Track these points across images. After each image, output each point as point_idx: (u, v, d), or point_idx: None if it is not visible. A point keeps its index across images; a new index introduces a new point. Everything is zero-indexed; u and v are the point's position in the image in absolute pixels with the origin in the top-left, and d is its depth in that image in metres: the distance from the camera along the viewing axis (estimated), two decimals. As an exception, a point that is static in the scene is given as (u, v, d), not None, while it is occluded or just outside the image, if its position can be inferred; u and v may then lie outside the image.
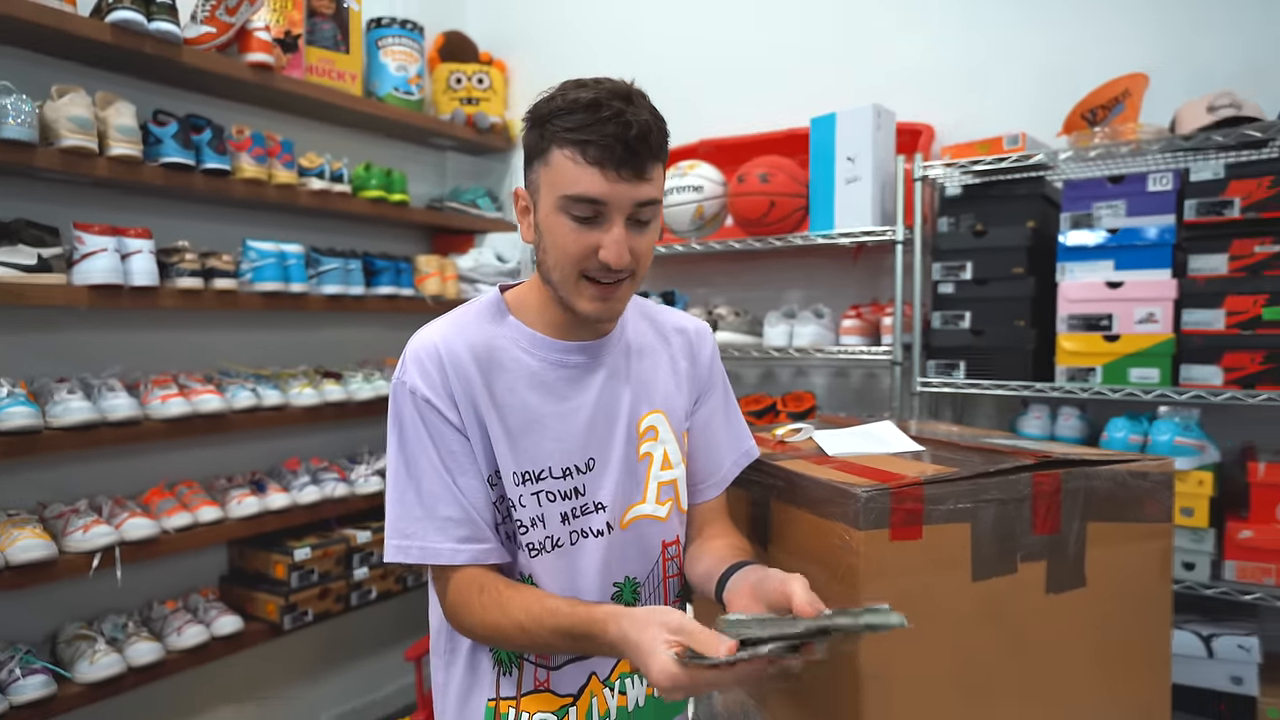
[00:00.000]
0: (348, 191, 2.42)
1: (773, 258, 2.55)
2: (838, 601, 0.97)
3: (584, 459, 1.03)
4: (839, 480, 0.99)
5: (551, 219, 0.95)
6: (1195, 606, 1.83)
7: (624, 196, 0.92)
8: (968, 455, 1.13)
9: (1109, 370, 1.80)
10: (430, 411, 0.97)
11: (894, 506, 0.95)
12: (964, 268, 2.00)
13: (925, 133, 2.23)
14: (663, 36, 2.77)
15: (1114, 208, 1.84)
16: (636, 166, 0.92)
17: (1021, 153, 1.88)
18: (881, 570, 0.95)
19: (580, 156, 0.91)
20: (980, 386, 1.96)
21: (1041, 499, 1.03)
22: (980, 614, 1.00)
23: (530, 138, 0.97)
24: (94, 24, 1.86)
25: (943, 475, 0.99)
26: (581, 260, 0.95)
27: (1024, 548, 1.02)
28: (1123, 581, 1.07)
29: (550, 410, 1.01)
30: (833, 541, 0.98)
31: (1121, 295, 1.79)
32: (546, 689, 1.04)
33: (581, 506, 1.03)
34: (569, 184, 0.92)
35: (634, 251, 0.96)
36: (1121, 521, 1.07)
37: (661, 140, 0.96)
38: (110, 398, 1.91)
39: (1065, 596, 1.04)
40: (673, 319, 1.17)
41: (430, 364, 0.98)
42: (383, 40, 2.63)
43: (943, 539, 0.98)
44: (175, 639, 2.02)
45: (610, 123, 0.89)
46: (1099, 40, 2.10)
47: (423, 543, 0.97)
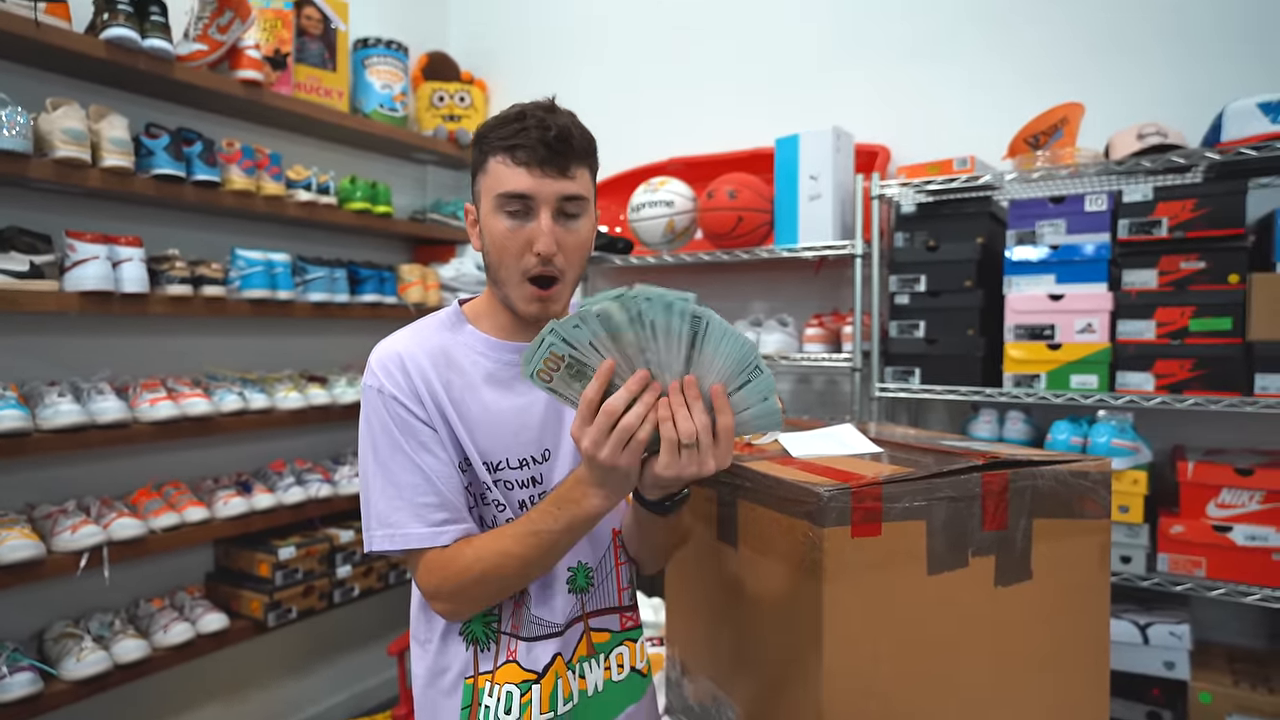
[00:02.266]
0: (333, 203, 2.39)
1: (740, 270, 2.57)
2: (803, 602, 0.98)
3: (539, 450, 1.05)
4: (803, 480, 1.00)
5: (490, 220, 1.00)
6: (1131, 596, 1.87)
7: (548, 190, 0.98)
8: (922, 456, 1.14)
9: (1052, 377, 1.84)
10: (398, 407, 0.99)
11: (854, 505, 0.96)
12: (919, 280, 2.03)
13: (882, 153, 2.27)
14: (636, 59, 2.78)
15: (1055, 226, 1.88)
16: (559, 164, 0.97)
17: (970, 174, 1.92)
18: (844, 565, 0.96)
19: (510, 159, 0.97)
20: (934, 391, 1.98)
21: (991, 497, 1.04)
22: (936, 605, 1.01)
23: (472, 155, 1.04)
24: (89, 40, 1.82)
25: (899, 475, 1.00)
26: (519, 256, 0.99)
27: (975, 543, 1.03)
28: (1065, 574, 1.09)
29: (506, 406, 1.04)
30: (797, 539, 0.98)
31: (1063, 307, 1.83)
32: (513, 660, 1.03)
33: (541, 493, 1.04)
34: (501, 184, 0.98)
35: (563, 246, 0.99)
36: (1064, 518, 1.08)
37: (584, 144, 1.01)
38: (99, 400, 1.87)
39: (1013, 589, 1.05)
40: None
41: (394, 367, 1.01)
42: (368, 59, 2.60)
43: (900, 535, 0.99)
44: (162, 636, 1.98)
45: (534, 129, 0.96)
46: (1040, 71, 2.15)
47: (405, 530, 0.98)
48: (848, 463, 1.10)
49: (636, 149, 2.70)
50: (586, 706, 1.08)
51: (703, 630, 1.31)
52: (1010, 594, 1.05)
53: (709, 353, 0.83)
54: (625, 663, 1.14)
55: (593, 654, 1.10)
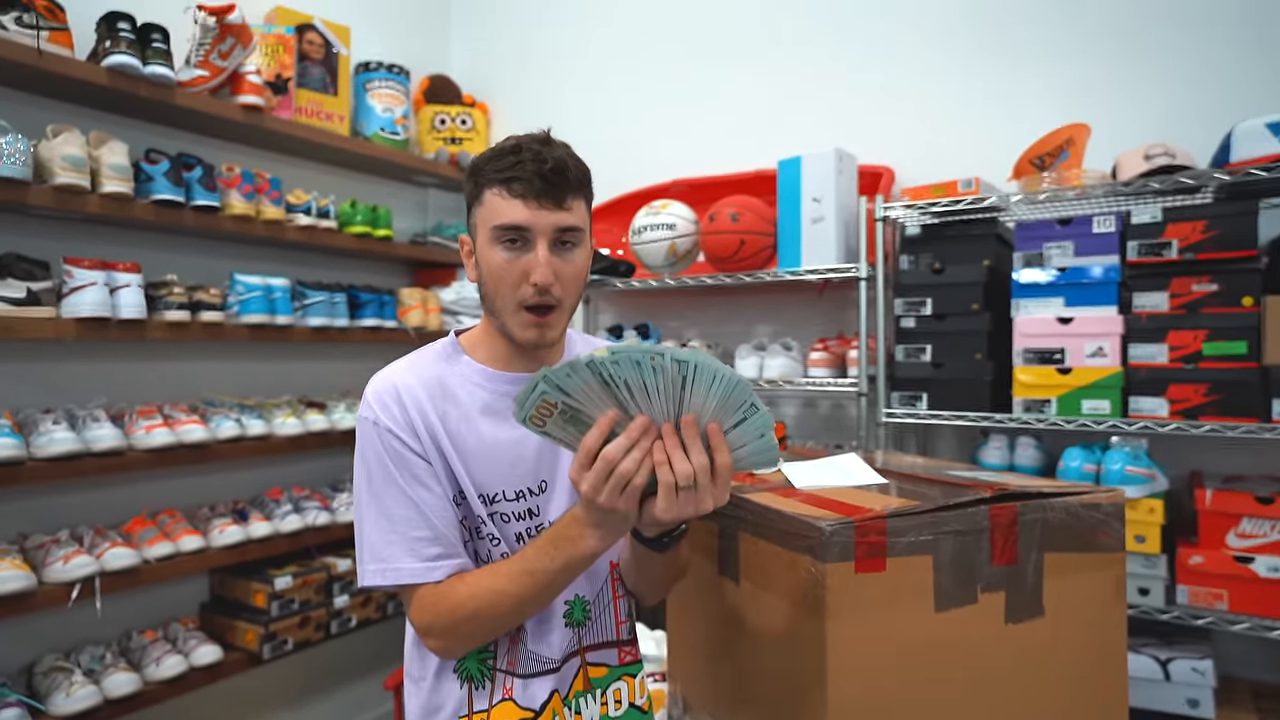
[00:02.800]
0: (334, 227, 2.40)
1: (743, 293, 2.56)
2: (806, 640, 0.95)
3: (536, 481, 1.05)
4: (805, 514, 0.98)
5: (487, 251, 1.01)
6: (1151, 630, 1.83)
7: (545, 222, 0.99)
8: (929, 488, 1.12)
9: (1063, 402, 1.81)
10: (393, 440, 1.00)
11: (858, 540, 0.94)
12: (924, 303, 2.02)
13: (886, 175, 2.26)
14: (638, 81, 2.80)
15: (1063, 248, 1.87)
16: (555, 196, 0.99)
17: (975, 196, 1.91)
18: (848, 602, 0.94)
19: (506, 192, 0.99)
20: (941, 417, 1.96)
21: (999, 531, 1.02)
22: (943, 643, 0.99)
23: (468, 188, 1.05)
24: (90, 68, 1.84)
25: (904, 508, 0.98)
26: (515, 286, 1.00)
27: (984, 578, 1.01)
28: (1079, 610, 1.06)
29: (503, 437, 1.03)
30: (799, 574, 0.96)
31: (1072, 330, 1.81)
32: (509, 699, 1.02)
33: (537, 526, 1.04)
34: (497, 216, 0.99)
35: (560, 275, 1.00)
36: (1076, 551, 1.06)
37: (580, 175, 1.03)
38: (95, 428, 1.86)
39: (1024, 626, 1.03)
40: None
41: (389, 399, 1.01)
42: (370, 83, 2.63)
43: (906, 571, 0.97)
44: (154, 669, 1.95)
45: (530, 161, 0.98)
46: (1046, 91, 2.15)
47: (398, 564, 0.98)
48: (851, 495, 1.08)
49: (638, 171, 2.71)
50: None
51: (704, 666, 1.28)
52: (1022, 631, 1.02)
53: (700, 394, 0.83)
54: (624, 698, 1.12)
55: (589, 689, 1.08)
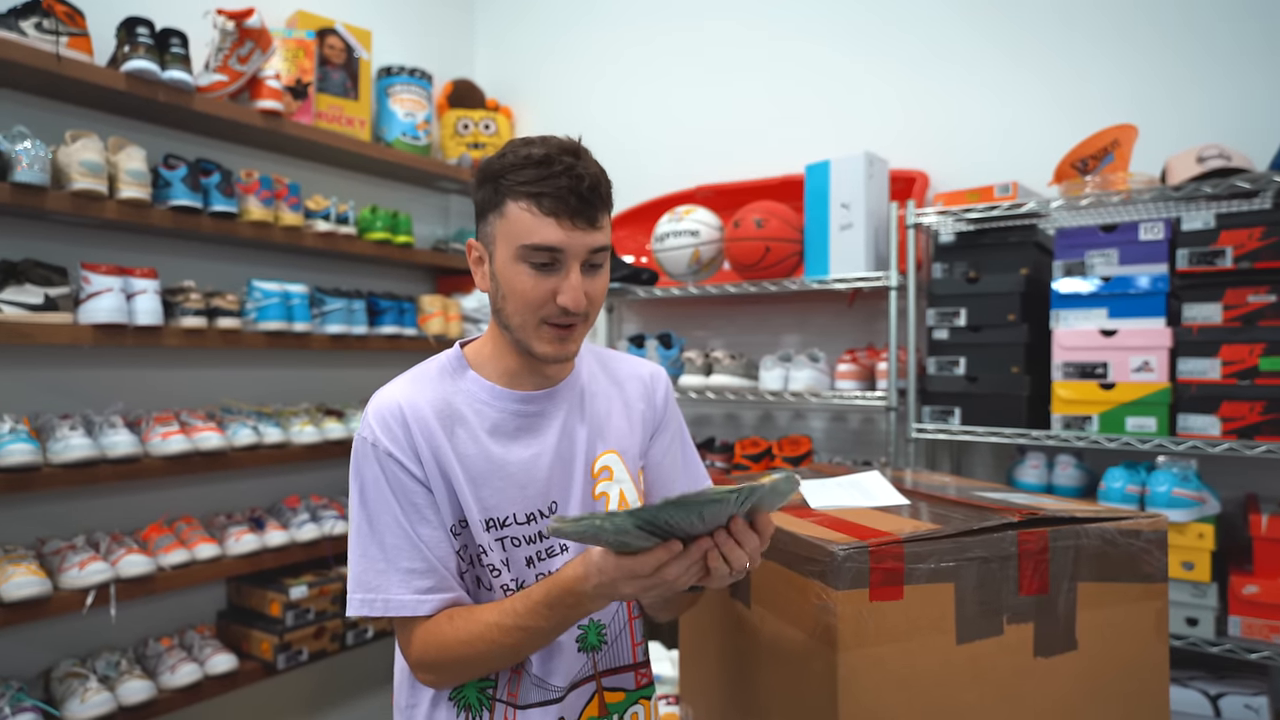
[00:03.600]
0: (353, 233, 2.41)
1: (769, 302, 2.51)
2: (816, 671, 0.91)
3: (546, 503, 1.02)
4: (816, 536, 0.94)
5: (510, 269, 0.97)
6: (1200, 663, 1.74)
7: (579, 244, 0.95)
8: (954, 510, 1.07)
9: (1105, 419, 1.74)
10: (392, 464, 0.97)
11: (873, 565, 0.90)
12: (958, 314, 1.95)
13: (919, 180, 2.21)
14: (663, 85, 2.78)
15: (1106, 256, 1.80)
16: (589, 215, 0.95)
17: (1013, 201, 1.85)
18: (861, 632, 0.89)
19: (536, 208, 0.93)
20: (975, 433, 1.89)
21: (1028, 558, 0.97)
22: (966, 678, 0.94)
23: (483, 193, 0.99)
24: (109, 73, 1.87)
25: (924, 533, 0.93)
26: (541, 306, 0.96)
27: (1010, 609, 0.96)
28: (1116, 644, 1.00)
29: (512, 459, 1.01)
30: (810, 601, 0.92)
31: (1116, 343, 1.74)
32: None
33: (547, 549, 1.01)
34: (526, 234, 0.94)
35: (588, 295, 0.98)
36: (1114, 581, 1.00)
37: (608, 191, 0.99)
38: (111, 434, 1.88)
39: (1055, 660, 0.97)
40: (628, 366, 1.17)
41: (393, 420, 0.98)
42: (392, 88, 2.64)
43: (925, 599, 0.92)
44: (169, 677, 1.97)
45: (562, 176, 0.93)
46: (1088, 91, 2.08)
47: (387, 595, 0.96)
48: (870, 516, 1.04)
49: (663, 177, 2.69)
50: None
51: (717, 692, 1.24)
52: (1052, 666, 0.97)
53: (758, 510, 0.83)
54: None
55: (605, 715, 1.06)
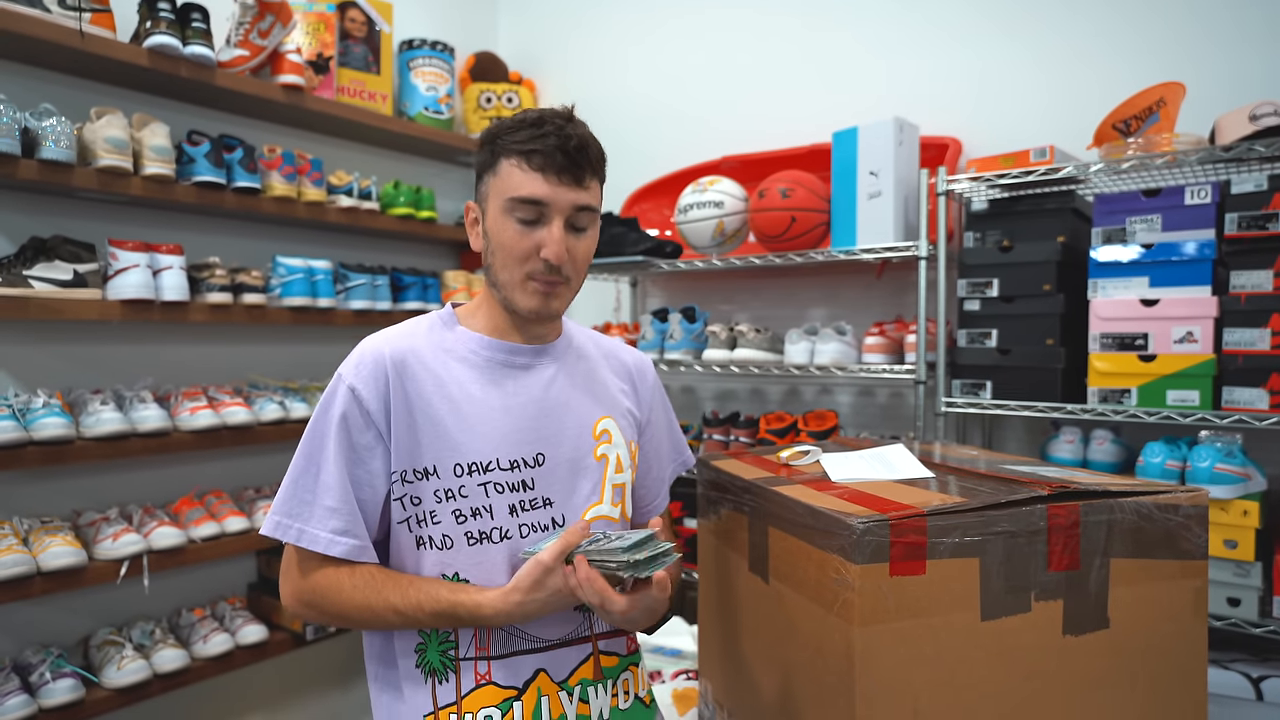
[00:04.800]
0: (376, 209, 2.41)
1: (794, 274, 2.47)
2: (834, 647, 0.90)
3: (532, 453, 1.04)
4: (835, 509, 0.91)
5: (498, 222, 1.02)
6: (1241, 645, 1.69)
7: (563, 199, 1.00)
8: (981, 483, 1.03)
9: (1144, 392, 1.68)
10: (354, 403, 1.00)
11: (893, 539, 0.87)
12: (990, 284, 1.90)
13: (951, 146, 2.14)
14: (687, 55, 2.72)
15: (1149, 222, 1.72)
16: (575, 174, 1.00)
17: (1050, 165, 1.77)
18: (880, 608, 0.87)
19: (525, 164, 0.99)
20: (1007, 408, 1.84)
21: (1058, 532, 0.93)
22: (990, 657, 0.91)
23: (482, 155, 1.05)
24: (132, 49, 1.88)
25: (949, 505, 0.90)
26: (525, 259, 1.01)
27: (1039, 585, 0.93)
28: (1151, 623, 0.97)
29: (498, 404, 1.04)
30: (829, 575, 0.90)
31: (1157, 313, 1.67)
32: (489, 682, 1.01)
33: (530, 500, 1.03)
34: (514, 188, 1.00)
35: (571, 254, 1.02)
36: (1149, 558, 0.96)
37: (599, 157, 1.04)
38: (141, 409, 1.92)
39: (1086, 639, 0.94)
40: (613, 346, 1.22)
41: (372, 361, 1.01)
42: (414, 61, 2.63)
43: (949, 575, 0.89)
44: (201, 647, 2.02)
45: (552, 135, 0.99)
46: (1132, 48, 1.98)
47: (303, 526, 0.99)
48: (892, 489, 1.01)
49: (687, 148, 2.64)
50: None
51: (734, 667, 1.23)
52: (1083, 644, 0.94)
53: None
54: (630, 689, 1.11)
55: (601, 679, 1.07)
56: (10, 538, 1.73)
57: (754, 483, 1.12)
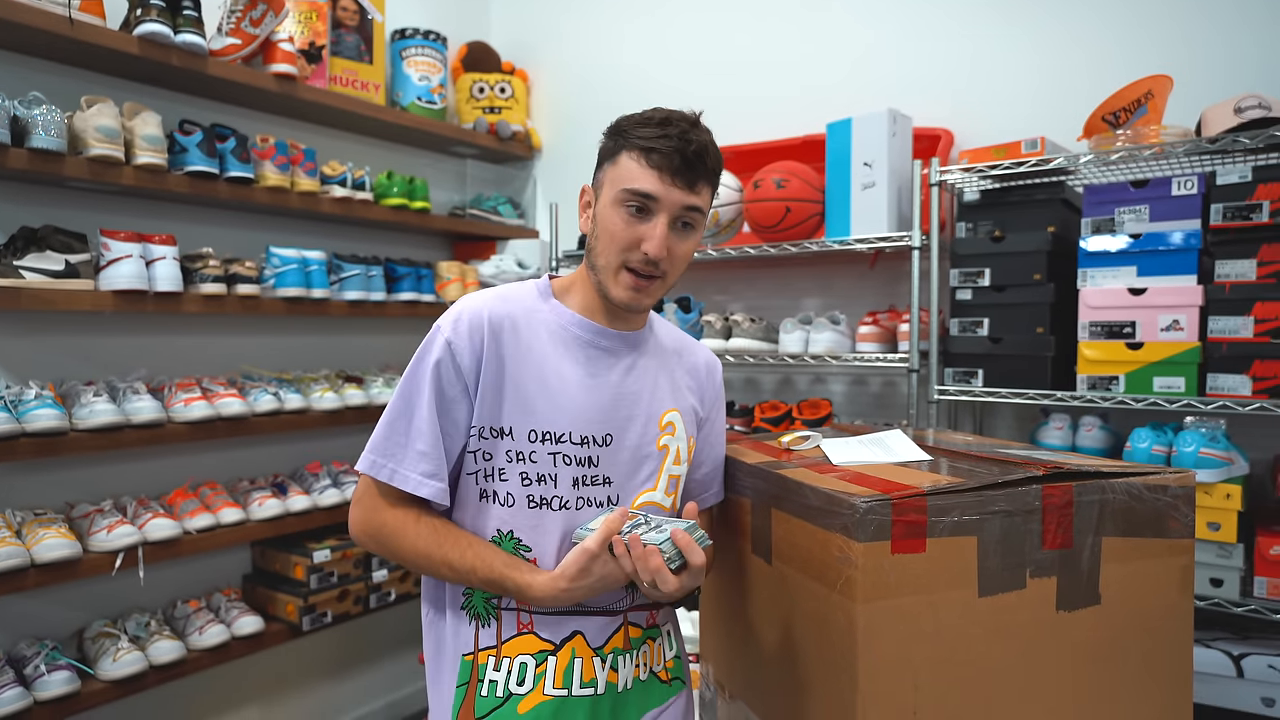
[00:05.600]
0: (369, 199, 2.42)
1: (789, 264, 2.50)
2: (836, 624, 0.93)
3: (602, 433, 1.09)
4: (838, 490, 0.95)
5: (608, 210, 1.07)
6: (1223, 624, 1.75)
7: (673, 198, 1.04)
8: (978, 465, 1.07)
9: (1132, 379, 1.73)
10: (448, 355, 1.05)
11: (895, 518, 0.91)
12: (982, 274, 1.94)
13: (944, 137, 2.18)
14: (681, 46, 2.74)
15: (1137, 212, 1.77)
16: (689, 178, 1.04)
17: (1040, 157, 1.82)
18: (882, 585, 0.91)
19: (644, 160, 1.04)
20: (999, 395, 1.89)
21: (1052, 512, 0.97)
22: (988, 631, 0.95)
23: (606, 144, 1.10)
24: (122, 37, 1.88)
25: (948, 485, 0.94)
26: (627, 249, 1.06)
27: (1034, 563, 0.97)
28: (1140, 599, 1.01)
29: (578, 382, 1.09)
30: (831, 554, 0.94)
31: (1145, 302, 1.72)
32: (530, 631, 1.08)
33: (591, 476, 1.09)
34: (629, 180, 1.04)
35: (671, 252, 1.06)
36: (1139, 537, 1.01)
37: (716, 164, 1.08)
38: (134, 400, 1.92)
39: (1078, 614, 0.98)
40: (690, 344, 1.27)
41: (471, 319, 1.06)
42: (406, 51, 2.63)
43: (947, 552, 0.93)
44: (197, 638, 2.03)
45: (675, 138, 1.02)
46: (1121, 41, 2.03)
47: (396, 466, 1.05)
48: (892, 471, 1.05)
49: (681, 138, 2.66)
50: (615, 702, 1.10)
51: (736, 648, 1.27)
52: (1075, 619, 0.98)
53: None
54: (647, 662, 1.16)
55: (629, 649, 1.12)
56: (4, 530, 1.73)
57: (757, 466, 1.15)
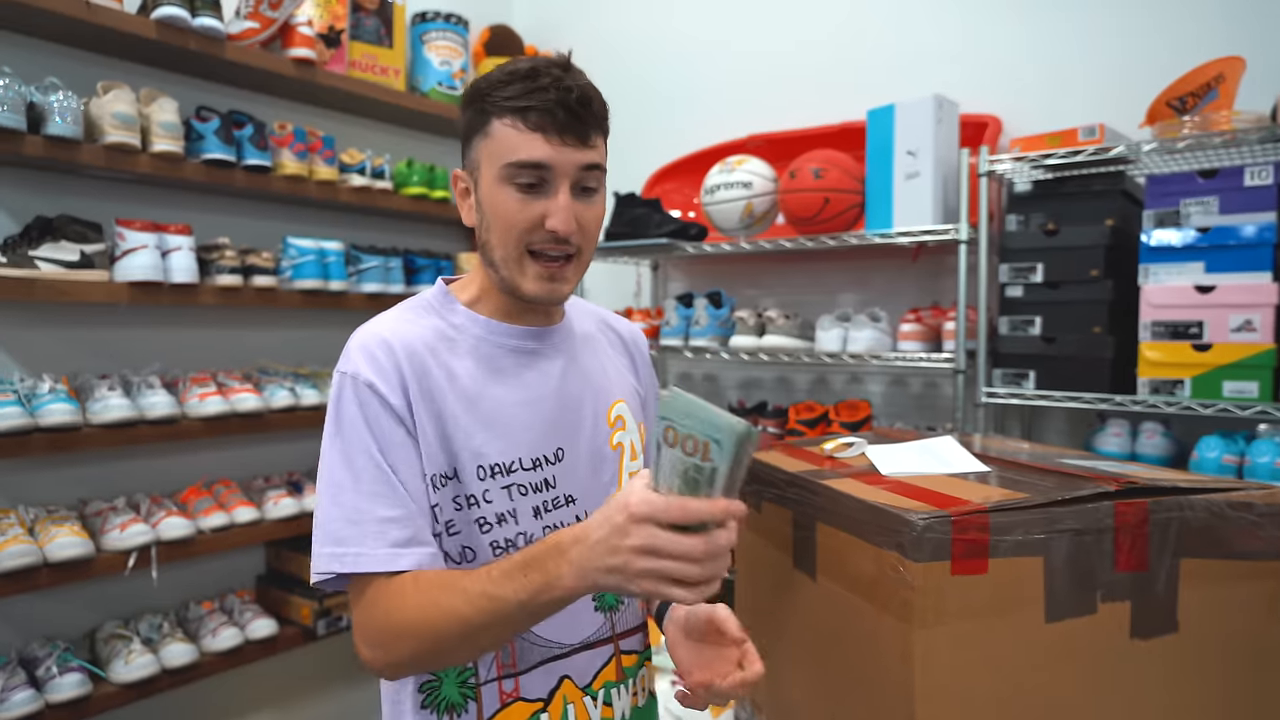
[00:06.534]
0: (389, 188, 2.39)
1: (826, 258, 2.44)
2: (891, 649, 0.87)
3: (552, 449, 0.97)
4: (892, 504, 0.89)
5: (494, 192, 0.91)
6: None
7: (568, 161, 0.89)
8: (1039, 478, 1.01)
9: (1199, 383, 1.64)
10: (373, 398, 0.88)
11: (955, 536, 0.85)
12: (1034, 269, 1.86)
13: (992, 124, 2.10)
14: (712, 28, 2.68)
15: (1205, 204, 1.69)
16: (580, 132, 0.90)
17: (1099, 145, 1.74)
18: (941, 608, 0.85)
19: (521, 123, 0.89)
20: (1052, 398, 1.81)
21: (1125, 531, 0.91)
22: (1055, 659, 0.89)
23: (467, 116, 0.94)
24: (140, 20, 1.85)
25: (1011, 501, 0.88)
26: (527, 232, 0.91)
27: (1105, 586, 0.90)
28: (1223, 626, 0.94)
29: (514, 399, 0.95)
30: (885, 573, 0.88)
31: (1214, 300, 1.64)
32: (516, 699, 0.94)
33: (553, 500, 0.96)
34: (510, 151, 0.89)
35: (580, 222, 0.92)
36: (1221, 558, 0.94)
37: (603, 109, 0.93)
38: (149, 395, 1.91)
39: (1154, 643, 0.92)
40: (608, 317, 1.15)
41: (379, 351, 0.90)
42: (427, 35, 2.60)
43: (1012, 574, 0.87)
44: (210, 641, 2.01)
45: (550, 89, 0.88)
46: (1187, 20, 1.94)
47: (359, 549, 0.85)
48: (948, 484, 0.99)
49: (714, 125, 2.61)
50: None
51: (777, 669, 1.21)
52: (1150, 649, 0.92)
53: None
54: (645, 686, 1.08)
55: (623, 679, 1.03)
56: (16, 527, 1.72)
57: (799, 476, 1.10)
